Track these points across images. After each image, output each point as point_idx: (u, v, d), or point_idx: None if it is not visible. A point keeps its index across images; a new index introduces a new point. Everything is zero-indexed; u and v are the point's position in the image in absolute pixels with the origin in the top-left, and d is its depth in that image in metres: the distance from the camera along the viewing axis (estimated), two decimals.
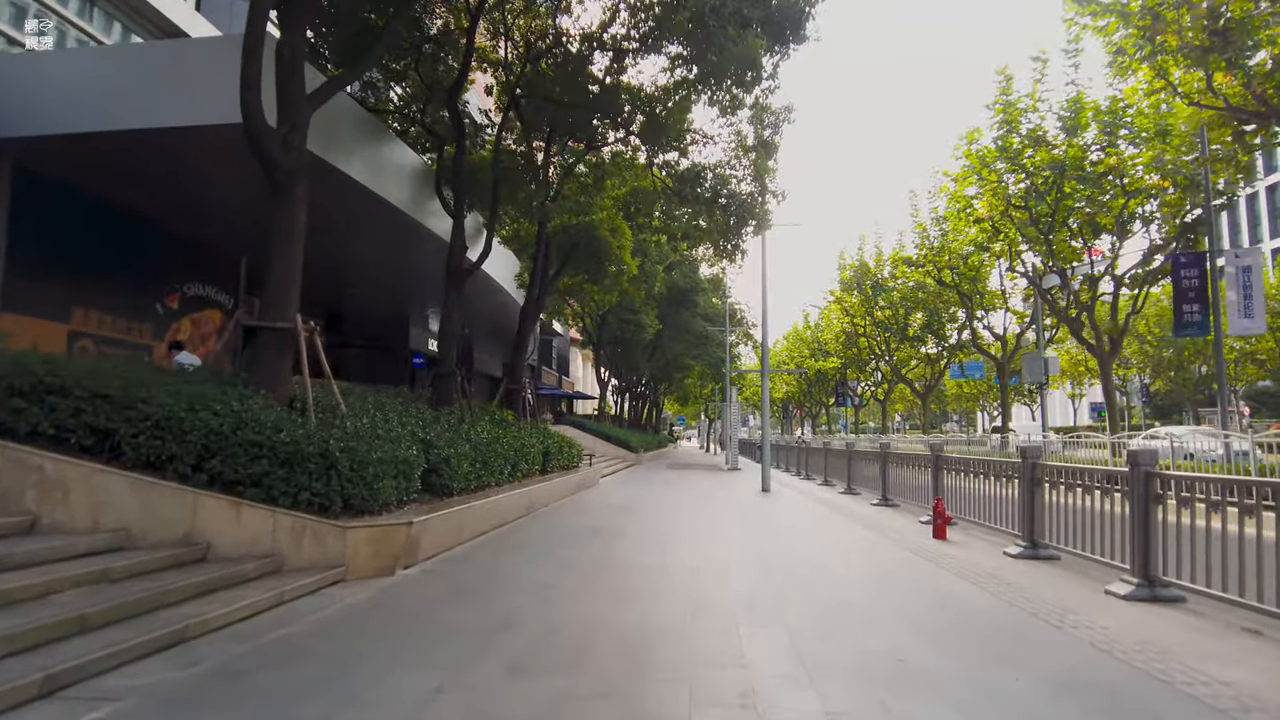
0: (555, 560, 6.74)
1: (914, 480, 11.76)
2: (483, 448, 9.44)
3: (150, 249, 13.29)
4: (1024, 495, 7.65)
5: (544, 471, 12.93)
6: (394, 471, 6.74)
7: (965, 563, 7.05)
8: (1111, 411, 17.22)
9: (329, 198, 12.05)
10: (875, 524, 10.02)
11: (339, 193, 11.65)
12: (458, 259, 10.66)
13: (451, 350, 10.69)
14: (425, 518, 6.59)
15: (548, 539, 8.10)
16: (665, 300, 31.32)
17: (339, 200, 12.07)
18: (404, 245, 15.40)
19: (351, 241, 15.22)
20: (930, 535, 8.87)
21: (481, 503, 8.24)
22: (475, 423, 10.49)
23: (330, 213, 12.96)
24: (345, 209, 12.64)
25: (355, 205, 12.42)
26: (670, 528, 9.39)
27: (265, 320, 7.09)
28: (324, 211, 13.08)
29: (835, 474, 17.43)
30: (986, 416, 70.11)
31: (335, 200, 12.06)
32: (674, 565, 6.57)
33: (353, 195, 11.86)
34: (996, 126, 16.72)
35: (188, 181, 11.62)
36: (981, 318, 25.13)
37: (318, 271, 18.77)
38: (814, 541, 8.47)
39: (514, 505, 9.57)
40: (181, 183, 11.62)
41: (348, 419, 7.02)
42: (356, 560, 5.89)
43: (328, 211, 12.94)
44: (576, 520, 9.92)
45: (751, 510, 12.03)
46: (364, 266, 17.46)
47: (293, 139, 7.30)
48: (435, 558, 6.74)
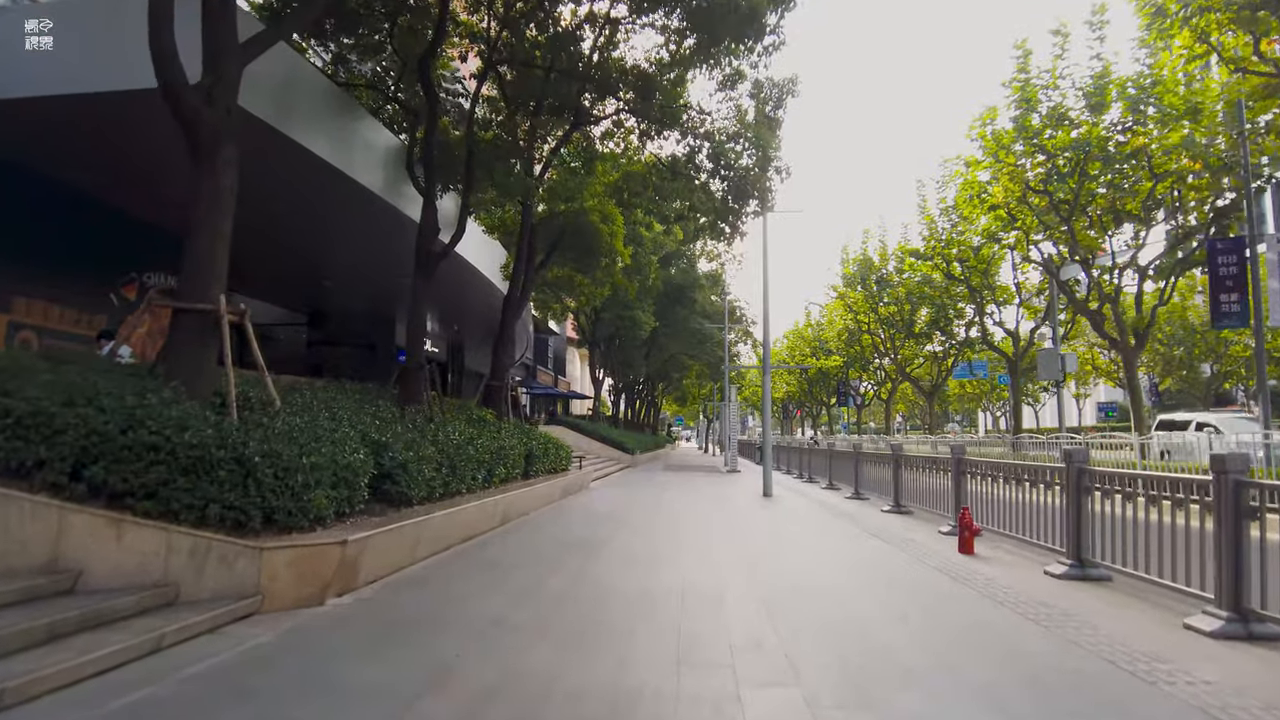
0: (520, 584, 5.69)
1: (930, 485, 10.73)
2: (452, 450, 8.40)
3: (104, 235, 12.22)
4: (1069, 505, 6.62)
5: (527, 476, 11.89)
6: (332, 479, 5.70)
7: (1004, 586, 6.01)
8: (1137, 410, 16.18)
9: (291, 176, 11.05)
10: (891, 535, 8.98)
11: (302, 171, 10.63)
12: (428, 241, 9.63)
13: (419, 342, 9.65)
14: (367, 534, 5.54)
15: (518, 555, 7.06)
16: (662, 297, 30.29)
17: (303, 180, 11.06)
18: (382, 234, 14.35)
19: (325, 230, 14.20)
20: (955, 549, 7.84)
21: (444, 514, 7.20)
22: (446, 422, 9.44)
23: (296, 196, 11.96)
24: (312, 191, 11.61)
25: (323, 187, 11.39)
26: (660, 540, 8.35)
27: (183, 300, 6.04)
28: (289, 195, 12.12)
29: (841, 477, 16.41)
30: (990, 417, 69.15)
31: (299, 180, 11.05)
32: (660, 590, 5.52)
33: (318, 175, 10.82)
34: (1014, 106, 15.66)
35: (141, 159, 10.56)
36: (992, 313, 24.05)
37: (294, 264, 17.97)
38: (825, 558, 7.43)
39: (485, 515, 8.53)
40: (134, 160, 10.57)
41: (279, 417, 5.98)
42: (275, 588, 4.85)
43: (294, 194, 11.94)
44: (557, 531, 8.88)
45: (752, 518, 11.00)
46: (342, 258, 16.42)
47: (220, 93, 6.25)
48: (380, 581, 5.69)
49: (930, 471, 10.84)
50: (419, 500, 7.44)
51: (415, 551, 6.48)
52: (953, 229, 21.87)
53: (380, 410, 8.36)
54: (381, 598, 5.26)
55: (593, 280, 16.64)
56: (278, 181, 11.38)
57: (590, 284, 16.74)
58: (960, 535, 7.87)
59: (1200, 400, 45.67)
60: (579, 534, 8.62)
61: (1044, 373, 18.48)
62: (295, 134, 9.90)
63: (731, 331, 34.57)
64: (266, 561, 4.82)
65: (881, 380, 39.10)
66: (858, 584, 5.97)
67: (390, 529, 5.95)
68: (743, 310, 36.97)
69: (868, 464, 14.53)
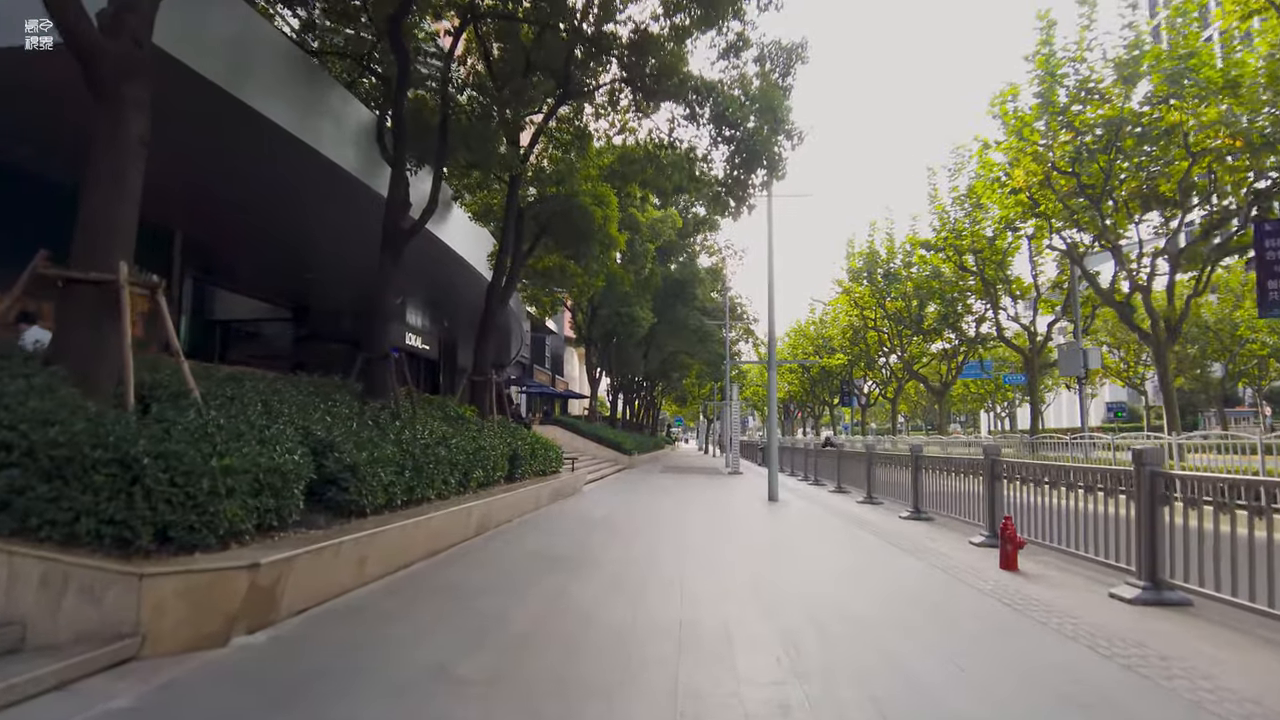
0: (481, 615, 4.64)
1: (954, 490, 9.69)
2: (418, 451, 7.35)
3: (47, 215, 11.19)
4: (1141, 517, 5.57)
5: (511, 479, 10.84)
6: (253, 485, 4.66)
7: (1067, 613, 4.97)
8: (1170, 409, 15.11)
9: (253, 149, 10.05)
10: (917, 547, 7.93)
11: (264, 144, 9.65)
12: (396, 216, 8.58)
13: (386, 331, 8.60)
14: (289, 554, 4.49)
15: (488, 575, 6.00)
16: (661, 293, 29.25)
17: (267, 154, 10.05)
18: (361, 218, 13.30)
19: (299, 213, 13.17)
20: (996, 564, 6.79)
21: (402, 525, 6.15)
22: (416, 420, 8.39)
23: (263, 173, 10.96)
24: (280, 168, 10.60)
25: (290, 162, 10.38)
26: (655, 554, 7.29)
27: (75, 269, 4.98)
28: (255, 171, 11.10)
29: (851, 480, 15.36)
30: (993, 418, 68.14)
31: (262, 153, 10.06)
32: (653, 623, 4.47)
33: (284, 149, 9.80)
34: (1037, 81, 14.60)
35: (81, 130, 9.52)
36: (1005, 307, 22.94)
37: (272, 254, 16.92)
38: (847, 577, 6.37)
39: (457, 525, 7.47)
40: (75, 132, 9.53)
41: (191, 410, 4.92)
42: (161, 626, 3.80)
43: (260, 172, 10.94)
44: (538, 543, 7.83)
45: (758, 526, 9.95)
46: (322, 246, 15.39)
47: (128, 21, 5.21)
48: (309, 613, 4.64)
49: (954, 475, 9.80)
50: (375, 509, 6.40)
51: (362, 571, 5.43)
52: (966, 217, 20.76)
53: (336, 405, 7.31)
54: (303, 635, 4.20)
55: (586, 270, 15.59)
56: (241, 156, 10.39)
57: (583, 274, 15.69)
58: (1002, 550, 6.82)
59: (1211, 400, 44.68)
60: (563, 547, 7.56)
61: (1065, 369, 17.40)
62: (251, 100, 8.89)
63: (732, 329, 33.55)
64: (148, 592, 3.77)
65: (887, 379, 38.01)
66: (893, 614, 4.91)
67: (325, 546, 4.90)
68: (744, 307, 35.96)
69: (881, 466, 13.51)
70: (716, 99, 9.29)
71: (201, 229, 14.54)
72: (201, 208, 13.16)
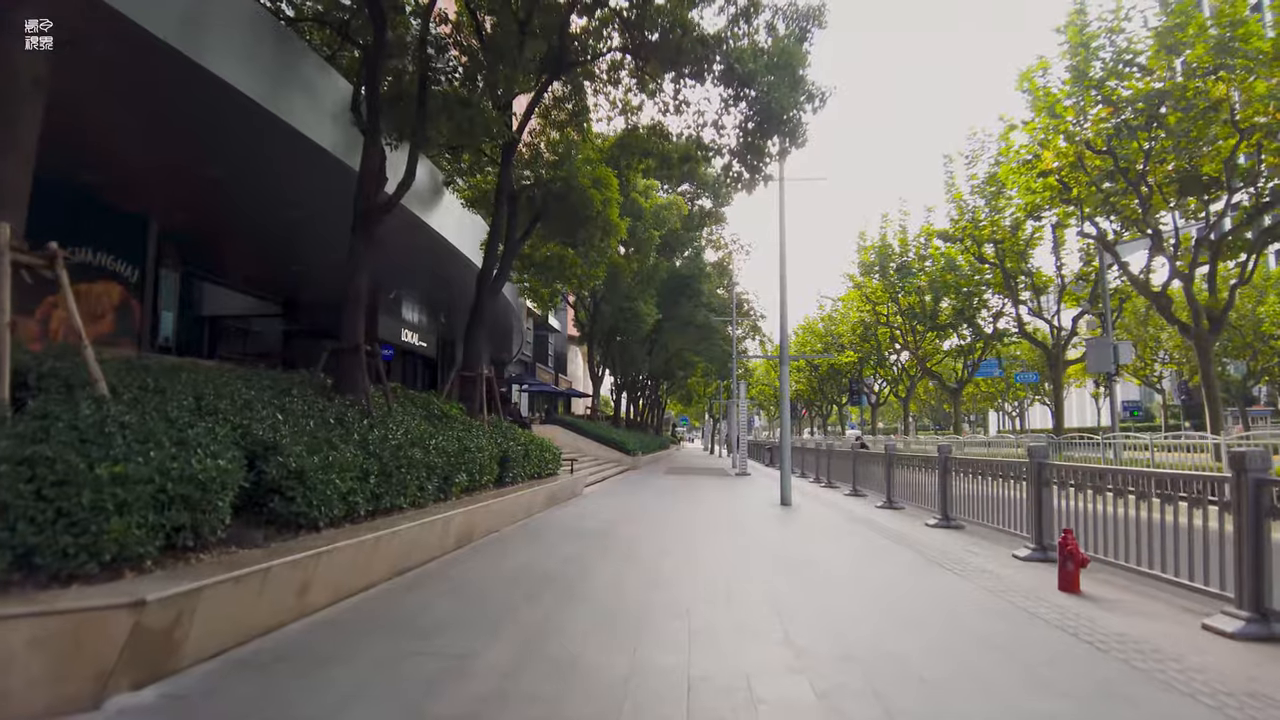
0: (436, 662, 3.72)
1: (989, 495, 8.74)
2: (387, 454, 6.44)
3: None
4: (1244, 534, 4.61)
5: (501, 483, 9.93)
6: (157, 498, 3.76)
7: (1163, 654, 4.02)
8: (1214, 407, 14.07)
9: (217, 122, 9.20)
10: (956, 561, 6.98)
11: (230, 116, 8.82)
12: (368, 189, 7.67)
13: (358, 319, 7.69)
14: (196, 585, 3.57)
15: (457, 602, 5.08)
16: (665, 288, 28.32)
17: (235, 128, 9.23)
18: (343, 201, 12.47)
19: (277, 196, 12.31)
20: (1054, 585, 5.84)
21: (359, 541, 5.22)
22: (389, 419, 7.48)
23: (235, 151, 10.14)
24: (251, 144, 9.77)
25: (261, 136, 9.53)
26: (656, 573, 6.36)
27: None
28: (226, 148, 10.25)
29: (867, 482, 14.41)
30: (1005, 417, 67.03)
31: (229, 127, 9.24)
32: (651, 683, 3.52)
33: (251, 121, 8.94)
34: (1069, 54, 13.57)
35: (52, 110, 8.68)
36: (1026, 300, 21.85)
37: (255, 244, 16.05)
38: (883, 603, 5.42)
39: (432, 538, 6.55)
40: None
41: (85, 404, 4.01)
42: (7, 687, 2.89)
43: (232, 148, 10.10)
44: (526, 558, 6.90)
45: (774, 537, 9.01)
46: (306, 235, 14.52)
47: None
48: (228, 654, 3.73)
49: (989, 479, 8.85)
50: (331, 521, 5.49)
51: (304, 600, 4.51)
52: (987, 206, 19.68)
53: (292, 401, 6.39)
54: (207, 691, 3.28)
55: (586, 260, 14.66)
56: (210, 133, 9.56)
57: (583, 264, 14.75)
58: (1061, 568, 5.87)
59: (1233, 399, 43.49)
60: (553, 563, 6.63)
61: (1094, 364, 16.38)
62: (211, 64, 8.02)
63: (739, 326, 32.60)
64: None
65: (898, 377, 36.94)
66: (958, 662, 3.96)
67: (248, 573, 3.97)
68: (751, 303, 35.01)
69: (902, 468, 12.56)
70: (725, 52, 8.30)
71: (179, 218, 13.70)
72: (176, 194, 12.32)
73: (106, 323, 13.14)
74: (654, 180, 16.94)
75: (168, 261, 16.21)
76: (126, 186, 11.73)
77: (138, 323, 13.77)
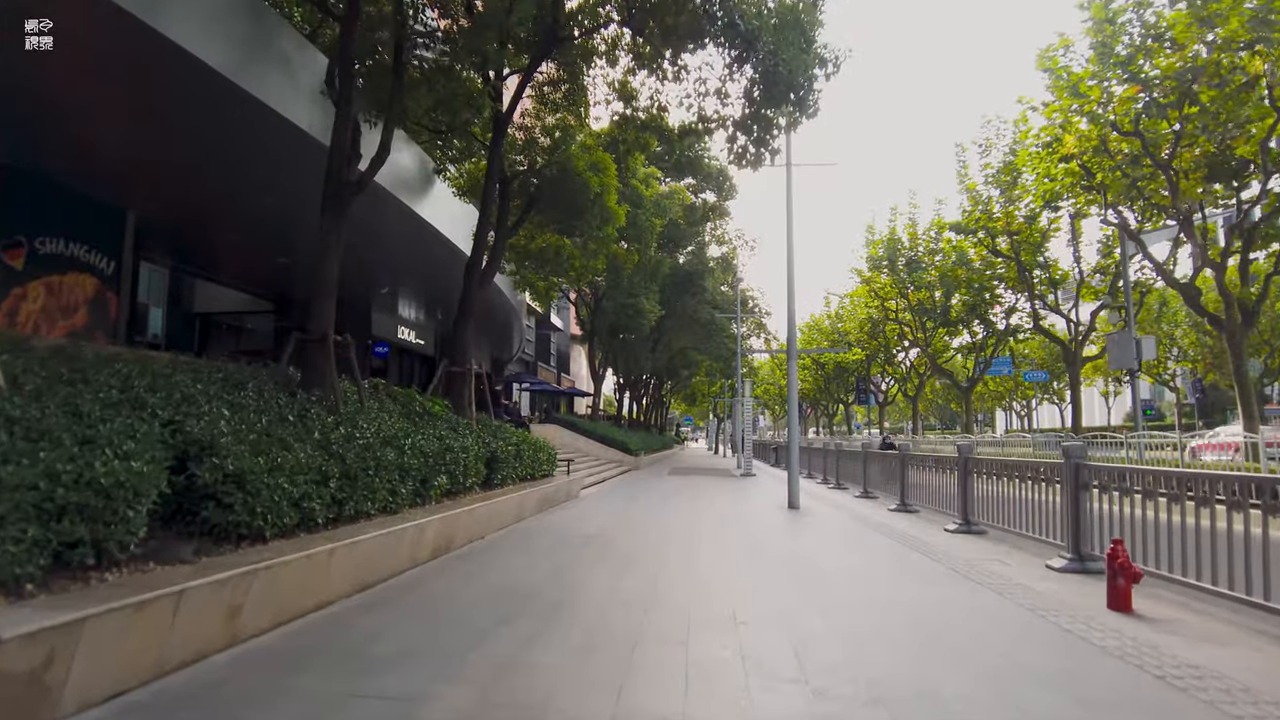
0: (375, 710, 3.05)
1: (1014, 499, 8.07)
2: (352, 455, 5.79)
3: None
4: None
5: (489, 485, 9.28)
6: (40, 509, 3.11)
7: (1259, 695, 3.33)
8: (1247, 404, 13.33)
9: (186, 98, 8.58)
10: (986, 574, 6.30)
11: (198, 92, 8.22)
12: (339, 163, 7.02)
13: (326, 308, 7.03)
14: (76, 616, 2.91)
15: (419, 627, 4.41)
16: (669, 284, 27.62)
17: (205, 106, 8.61)
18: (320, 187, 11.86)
19: (253, 182, 11.68)
20: (1101, 602, 5.16)
21: (305, 556, 4.56)
22: (360, 415, 6.82)
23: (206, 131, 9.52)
24: (223, 122, 9.13)
25: (231, 114, 8.90)
26: (652, 590, 5.69)
27: None
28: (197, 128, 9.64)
29: (878, 484, 13.72)
30: (1014, 417, 66.17)
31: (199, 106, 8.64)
32: None
33: (221, 98, 8.32)
34: (1093, 31, 12.82)
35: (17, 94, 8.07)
36: (1043, 294, 21.04)
37: (241, 235, 15.43)
38: (917, 627, 4.74)
39: (399, 548, 5.89)
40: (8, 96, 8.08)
41: None
42: None
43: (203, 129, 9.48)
44: (505, 572, 6.23)
45: (784, 546, 8.33)
46: (290, 226, 13.86)
47: None
48: (127, 697, 3.08)
49: (1016, 481, 8.16)
50: (282, 530, 4.84)
51: (233, 626, 3.85)
52: (1001, 195, 18.89)
53: (244, 397, 5.73)
54: None
55: (584, 250, 13.98)
56: (181, 114, 8.94)
57: (581, 255, 14.07)
58: (1110, 584, 5.17)
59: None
60: (536, 577, 5.96)
61: (1115, 360, 15.62)
62: (170, 31, 7.40)
63: (744, 324, 31.92)
64: None
65: (905, 375, 36.12)
66: (1001, 697, 3.28)
67: (154, 597, 3.31)
68: (756, 300, 34.30)
69: (914, 469, 11.89)
70: (729, 7, 7.56)
71: (156, 207, 13.08)
72: (151, 181, 11.72)
73: (79, 316, 12.54)
74: (655, 169, 16.29)
75: (155, 257, 15.64)
76: (98, 173, 11.14)
77: (113, 317, 13.15)
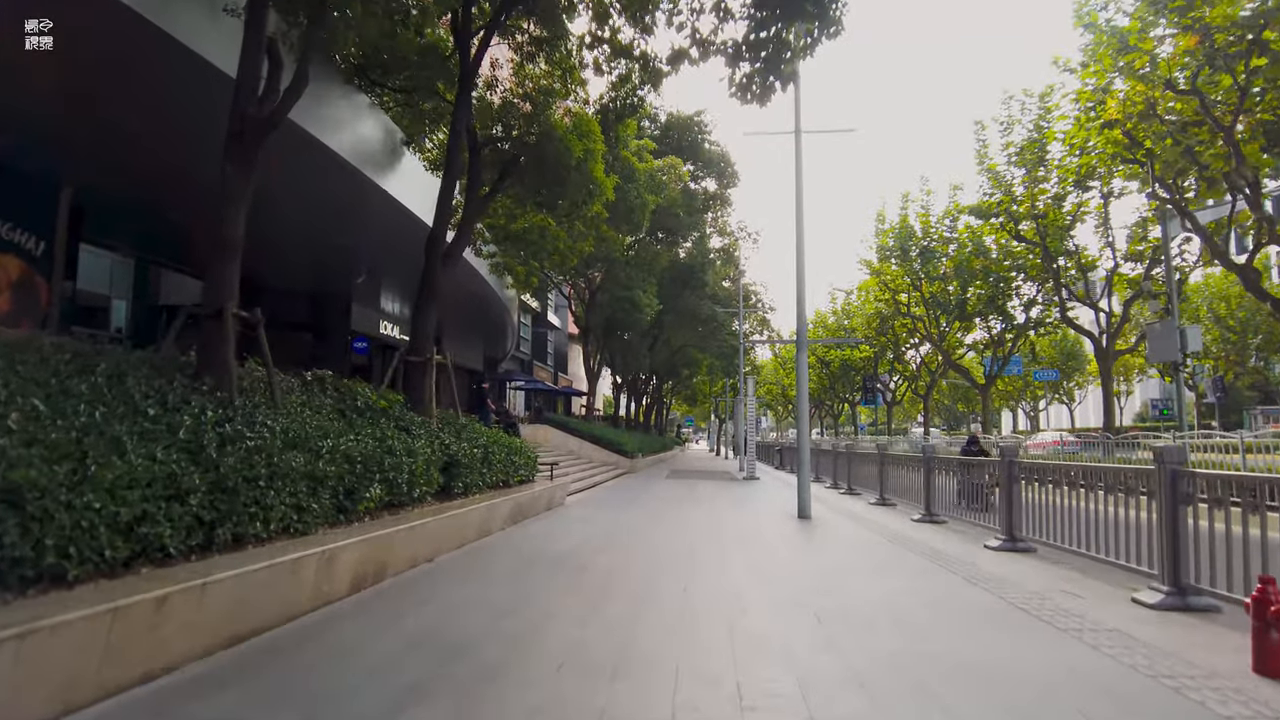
0: None
1: (1072, 510, 6.65)
2: (232, 461, 4.38)
3: None
4: None
5: (447, 495, 7.86)
6: None
7: None
8: None
9: (106, 48, 7.26)
10: (1056, 610, 4.89)
11: (110, 38, 6.87)
12: (246, 95, 5.63)
13: (227, 274, 5.63)
14: None
15: (286, 716, 3.01)
16: (667, 278, 26.22)
17: (116, 52, 7.28)
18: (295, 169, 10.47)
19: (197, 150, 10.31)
20: (1248, 664, 3.75)
21: (103, 610, 3.15)
22: (257, 410, 5.40)
23: (130, 88, 8.21)
24: (143, 75, 7.81)
25: (152, 67, 7.59)
26: (629, 637, 4.29)
27: None
28: (121, 90, 8.32)
29: (897, 490, 12.27)
30: (1024, 417, 64.66)
31: (113, 51, 7.29)
32: None
33: (133, 37, 6.97)
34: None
35: None
36: (1069, 283, 19.52)
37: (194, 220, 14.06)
38: (998, 709, 3.32)
39: (293, 584, 4.46)
40: None
41: None
42: None
43: (127, 87, 8.15)
44: (443, 611, 4.82)
45: (794, 566, 6.91)
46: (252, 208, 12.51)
47: None
48: None
49: (1074, 490, 6.74)
50: (97, 567, 3.43)
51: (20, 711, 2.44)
52: (1026, 175, 17.37)
53: (75, 384, 4.31)
54: None
55: (570, 231, 12.58)
56: (109, 67, 7.62)
57: (567, 236, 12.67)
58: (1259, 638, 3.74)
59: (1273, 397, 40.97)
60: (478, 620, 4.55)
61: (1156, 353, 14.17)
62: None
63: (747, 319, 30.50)
64: None
65: (916, 372, 34.58)
66: None
67: None
68: (759, 295, 32.91)
69: (941, 474, 10.50)
70: None
71: (99, 183, 11.73)
72: (86, 149, 10.37)
73: (5, 301, 11.22)
74: (649, 140, 14.93)
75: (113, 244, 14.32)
76: (42, 153, 9.86)
77: (43, 302, 11.79)
